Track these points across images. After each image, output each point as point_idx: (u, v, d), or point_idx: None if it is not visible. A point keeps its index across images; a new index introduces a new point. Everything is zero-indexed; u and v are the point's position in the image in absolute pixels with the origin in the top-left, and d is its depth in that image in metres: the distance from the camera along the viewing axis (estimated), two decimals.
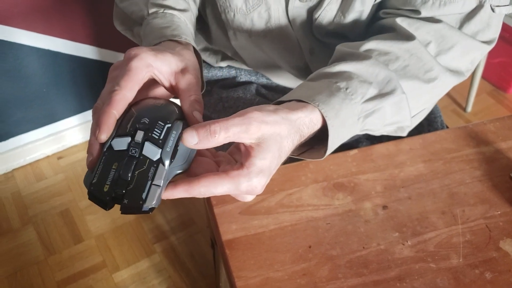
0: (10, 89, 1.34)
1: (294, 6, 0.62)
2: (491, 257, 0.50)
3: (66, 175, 1.50)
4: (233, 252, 0.50)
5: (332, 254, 0.50)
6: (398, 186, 0.57)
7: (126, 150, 0.38)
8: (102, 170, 0.38)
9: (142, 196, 0.37)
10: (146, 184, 0.37)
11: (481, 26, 0.55)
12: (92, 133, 0.39)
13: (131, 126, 0.39)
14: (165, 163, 0.38)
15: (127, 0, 0.61)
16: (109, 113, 0.39)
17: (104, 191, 0.37)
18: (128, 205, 0.37)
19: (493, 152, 0.61)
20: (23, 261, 1.29)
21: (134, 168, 0.38)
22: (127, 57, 0.43)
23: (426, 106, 0.57)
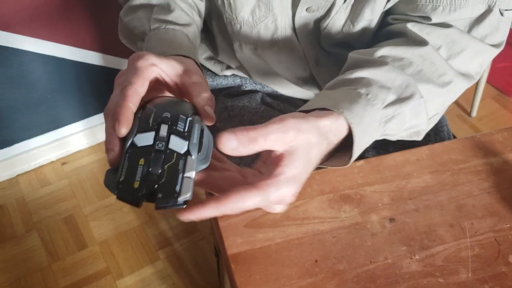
0: (15, 95, 1.34)
1: (300, 17, 0.62)
2: (501, 272, 0.49)
3: (70, 180, 1.50)
4: (238, 266, 0.49)
5: (339, 268, 0.50)
6: (405, 198, 0.56)
7: (152, 145, 0.37)
8: (129, 167, 0.36)
9: (176, 189, 0.36)
10: (177, 177, 0.36)
11: (490, 30, 0.56)
12: (109, 132, 0.38)
13: (153, 121, 0.38)
14: (193, 155, 0.38)
15: (130, 15, 0.61)
16: (125, 106, 0.38)
17: (135, 188, 0.36)
18: (163, 200, 0.36)
19: (501, 163, 0.60)
20: (27, 267, 1.29)
21: (163, 162, 0.37)
22: (131, 60, 0.43)
23: (439, 110, 0.57)
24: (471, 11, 0.54)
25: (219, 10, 0.66)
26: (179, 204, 0.36)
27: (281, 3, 0.61)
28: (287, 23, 0.63)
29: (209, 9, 0.69)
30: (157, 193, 0.36)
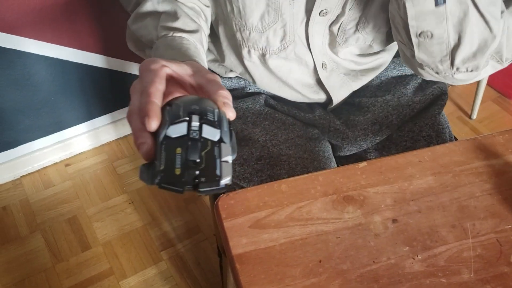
0: (19, 97, 1.35)
1: (314, 22, 0.63)
2: (503, 272, 0.50)
3: (74, 182, 1.51)
4: (243, 266, 0.50)
5: (342, 268, 0.50)
6: (408, 199, 0.57)
7: (186, 135, 0.38)
8: (167, 157, 0.38)
9: (217, 173, 0.38)
10: (216, 162, 0.38)
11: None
12: (138, 129, 0.39)
13: (183, 113, 0.39)
14: (226, 142, 0.40)
15: (138, 23, 0.61)
16: (152, 102, 0.39)
17: (177, 174, 0.37)
18: (206, 183, 0.37)
19: (502, 164, 0.61)
20: (31, 268, 1.30)
21: (200, 149, 0.38)
22: (143, 66, 0.44)
23: None
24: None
25: (226, 16, 0.67)
26: (221, 188, 0.38)
27: (291, 8, 0.61)
28: (296, 28, 0.64)
29: (215, 15, 0.69)
30: (199, 177, 0.37)
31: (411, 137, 0.75)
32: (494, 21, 0.52)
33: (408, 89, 0.77)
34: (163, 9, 0.61)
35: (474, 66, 0.56)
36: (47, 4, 1.22)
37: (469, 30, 0.52)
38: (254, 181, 0.71)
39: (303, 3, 0.61)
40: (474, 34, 0.53)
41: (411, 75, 0.79)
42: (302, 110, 0.78)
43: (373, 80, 0.79)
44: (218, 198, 0.55)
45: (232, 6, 0.63)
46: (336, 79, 0.72)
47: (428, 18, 0.52)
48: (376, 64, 0.74)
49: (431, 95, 0.77)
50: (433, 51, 0.55)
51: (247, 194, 0.56)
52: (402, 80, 0.78)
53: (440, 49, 0.55)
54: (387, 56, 0.75)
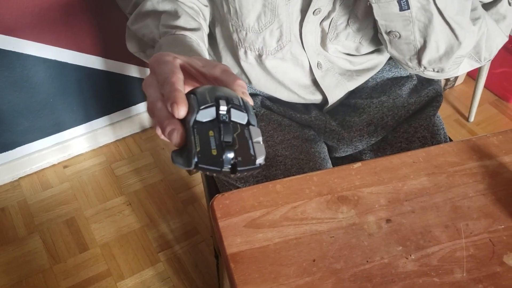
0: (17, 98, 1.36)
1: (308, 21, 0.63)
2: (495, 272, 0.50)
3: (72, 184, 1.51)
4: (237, 265, 0.50)
5: (336, 267, 0.51)
6: (402, 199, 0.57)
7: (216, 118, 0.39)
8: (201, 139, 0.38)
9: (251, 153, 0.39)
10: (249, 143, 0.39)
11: (497, 16, 0.58)
12: (164, 117, 0.39)
13: (210, 98, 0.40)
14: (254, 125, 0.41)
15: (138, 23, 0.62)
16: (178, 90, 0.39)
17: (213, 154, 0.38)
18: (242, 162, 0.38)
19: (496, 165, 0.61)
20: (29, 269, 1.30)
21: (232, 131, 0.39)
22: (155, 60, 0.44)
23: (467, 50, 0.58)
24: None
25: (223, 17, 0.67)
26: (256, 167, 0.39)
27: (287, 9, 0.62)
28: (292, 28, 0.65)
29: (212, 16, 0.70)
30: (236, 157, 0.38)
31: (406, 138, 0.76)
32: (460, 30, 0.55)
33: (403, 90, 0.77)
34: (163, 8, 0.61)
35: (440, 68, 0.59)
36: (45, 6, 1.22)
37: (434, 36, 0.55)
38: (250, 182, 0.71)
39: (298, 3, 0.62)
40: (439, 40, 0.55)
41: (406, 76, 0.79)
42: (298, 111, 0.78)
43: (368, 82, 0.79)
44: (214, 198, 0.56)
45: (228, 7, 0.64)
46: (331, 78, 0.73)
47: (395, 20, 0.55)
48: (371, 65, 0.75)
49: (426, 97, 0.77)
50: (402, 49, 0.58)
51: (242, 194, 0.56)
52: (398, 81, 0.79)
53: (408, 49, 0.58)
54: (382, 58, 0.75)
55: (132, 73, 1.52)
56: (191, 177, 1.53)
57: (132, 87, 1.56)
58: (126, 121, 1.62)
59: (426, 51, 0.58)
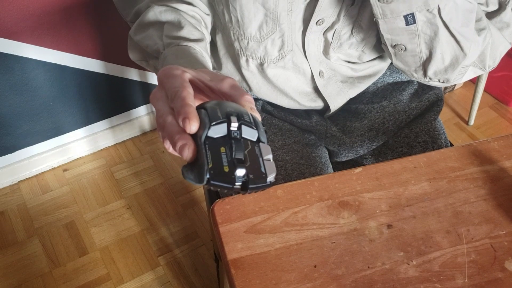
0: (17, 102, 1.36)
1: (311, 31, 0.63)
2: (497, 278, 0.50)
3: (72, 187, 1.51)
4: (238, 271, 0.50)
5: (337, 273, 0.50)
6: (403, 204, 0.57)
7: (227, 135, 0.39)
8: (213, 156, 0.38)
9: (262, 170, 0.39)
10: (259, 161, 0.39)
11: (500, 25, 0.59)
12: (175, 132, 0.39)
13: (221, 114, 0.40)
14: (264, 142, 0.41)
15: (141, 34, 0.61)
16: (189, 105, 0.39)
17: (225, 171, 0.38)
18: (254, 180, 0.38)
19: (497, 170, 0.61)
20: (28, 273, 1.30)
21: (243, 148, 0.39)
22: (164, 74, 0.43)
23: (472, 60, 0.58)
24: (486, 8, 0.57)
25: (224, 25, 0.67)
26: (267, 184, 0.39)
27: (289, 18, 0.62)
28: (294, 38, 0.65)
29: (213, 24, 0.70)
30: (248, 174, 0.38)
31: (407, 143, 0.76)
32: (465, 41, 0.55)
33: (404, 95, 0.77)
34: (166, 18, 0.61)
35: (445, 79, 0.60)
36: (46, 10, 1.22)
37: (440, 48, 0.55)
38: None
39: (300, 13, 0.62)
40: (445, 51, 0.56)
41: (407, 81, 0.79)
42: (299, 117, 0.78)
43: (369, 87, 0.79)
44: (214, 203, 0.56)
45: (230, 16, 0.64)
46: (333, 87, 0.73)
47: (401, 34, 0.55)
48: (372, 71, 0.75)
49: (427, 101, 0.77)
50: (407, 61, 0.58)
51: (243, 199, 0.56)
52: (398, 86, 0.79)
53: (413, 61, 0.58)
54: (384, 64, 0.75)
55: (132, 77, 1.52)
56: None
57: (132, 90, 1.56)
58: (126, 124, 1.62)
59: (431, 63, 0.58)
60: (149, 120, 1.67)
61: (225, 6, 0.63)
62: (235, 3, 0.61)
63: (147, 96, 1.61)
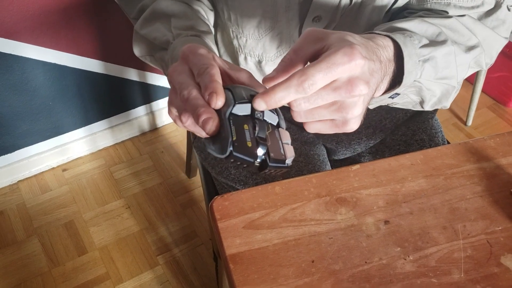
0: (16, 102, 1.36)
1: (307, 28, 0.64)
2: (492, 273, 0.51)
3: (71, 187, 1.51)
4: (237, 266, 0.50)
5: (334, 268, 0.51)
6: (400, 201, 0.58)
7: (250, 114, 0.40)
8: (237, 131, 0.39)
9: (281, 152, 0.40)
10: (279, 143, 0.41)
11: (497, 23, 0.60)
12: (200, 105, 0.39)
13: (245, 95, 0.41)
14: (283, 128, 0.42)
15: (148, 27, 0.62)
16: (217, 82, 0.40)
17: (249, 146, 0.39)
18: (273, 159, 0.39)
19: (493, 168, 0.62)
20: (27, 272, 1.30)
21: (265, 129, 0.40)
22: (188, 50, 0.43)
23: (461, 78, 0.59)
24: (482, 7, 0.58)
25: (223, 23, 0.68)
26: (285, 166, 0.40)
27: (287, 15, 0.62)
28: (291, 35, 0.65)
29: (214, 22, 0.70)
30: (269, 153, 0.39)
31: (405, 141, 0.76)
32: (451, 78, 0.56)
33: None
34: (173, 11, 0.61)
35: (443, 106, 0.61)
36: (45, 9, 1.23)
37: (428, 94, 0.57)
38: (249, 184, 0.72)
39: (297, 10, 0.62)
40: (435, 91, 0.57)
41: None
42: None
43: None
44: (213, 200, 0.56)
45: (229, 14, 0.64)
46: None
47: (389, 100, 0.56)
48: None
49: None
50: (404, 103, 0.60)
51: (242, 196, 0.57)
52: None
53: (409, 103, 0.60)
54: None
55: (131, 77, 1.53)
56: (190, 180, 1.54)
57: (131, 90, 1.56)
58: (125, 124, 1.63)
59: (425, 103, 0.59)
60: (148, 120, 1.67)
61: (224, 4, 0.64)
62: (234, 1, 0.61)
63: (146, 96, 1.62)
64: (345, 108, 0.39)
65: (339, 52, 0.36)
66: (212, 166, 0.78)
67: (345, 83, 0.37)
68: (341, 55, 0.36)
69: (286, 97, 0.37)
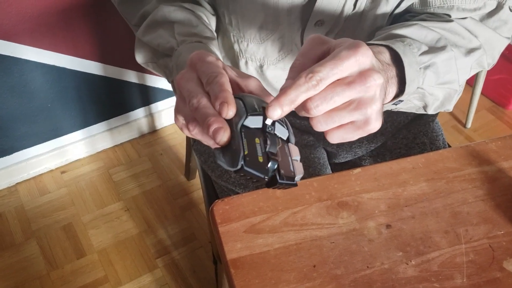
0: (15, 104, 1.36)
1: (310, 32, 0.63)
2: (495, 278, 0.51)
3: (70, 189, 1.50)
4: (238, 271, 0.50)
5: (336, 273, 0.51)
6: (402, 205, 0.57)
7: (262, 128, 0.40)
8: (248, 144, 0.38)
9: (291, 169, 0.39)
10: (288, 159, 0.40)
11: (499, 23, 0.60)
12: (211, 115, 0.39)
13: (258, 107, 0.40)
14: (293, 143, 0.41)
15: (151, 34, 0.61)
16: (227, 91, 0.39)
17: (260, 161, 0.38)
18: (284, 176, 0.39)
19: (495, 171, 0.62)
20: (25, 275, 1.29)
21: (276, 144, 0.40)
22: (196, 57, 0.43)
23: (462, 81, 0.60)
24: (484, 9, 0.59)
25: (224, 28, 0.67)
26: (293, 184, 0.39)
27: (289, 19, 0.62)
28: (293, 38, 0.65)
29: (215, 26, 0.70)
30: (279, 169, 0.39)
31: (405, 144, 0.76)
32: (452, 83, 0.56)
33: None
34: (176, 18, 0.60)
35: (446, 109, 0.61)
36: (44, 11, 1.22)
37: (431, 98, 0.57)
38: (249, 187, 0.71)
39: (299, 13, 0.62)
40: (437, 97, 0.57)
41: None
42: (298, 117, 0.78)
43: None
44: (214, 204, 0.56)
45: (230, 18, 0.64)
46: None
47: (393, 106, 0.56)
48: None
49: None
50: (408, 108, 0.60)
51: (242, 200, 0.56)
52: None
53: (413, 108, 0.60)
54: None
55: (130, 79, 1.52)
56: (189, 183, 1.53)
57: (130, 92, 1.56)
58: (125, 126, 1.62)
59: (428, 107, 0.59)
60: (148, 122, 1.67)
61: (225, 8, 0.63)
62: (235, 5, 0.61)
63: (146, 98, 1.61)
64: (363, 104, 0.39)
65: (344, 47, 0.37)
66: (212, 169, 0.78)
67: (358, 76, 0.38)
68: (346, 49, 0.37)
69: (298, 96, 0.37)
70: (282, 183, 0.39)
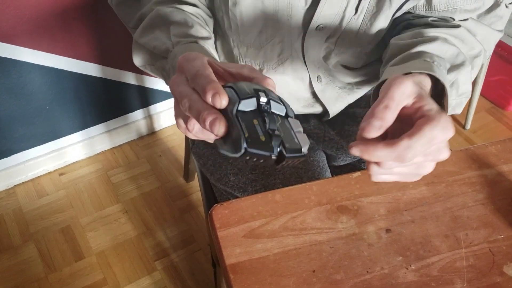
0: (14, 105, 1.35)
1: (311, 36, 0.63)
2: (495, 282, 0.50)
3: (68, 191, 1.50)
4: (237, 276, 0.50)
5: (336, 278, 0.50)
6: (401, 209, 0.57)
7: (257, 109, 0.40)
8: (247, 127, 0.38)
9: (296, 141, 0.39)
10: (291, 133, 0.40)
11: (495, 19, 0.62)
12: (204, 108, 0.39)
13: (249, 90, 0.40)
14: (292, 117, 0.41)
15: (147, 36, 0.61)
16: (214, 81, 0.39)
17: (262, 140, 0.38)
18: (290, 149, 0.39)
19: (495, 175, 0.61)
20: (24, 278, 1.29)
21: (275, 121, 0.40)
22: (185, 60, 0.43)
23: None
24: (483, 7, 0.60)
25: (223, 32, 0.67)
26: (302, 155, 0.39)
27: (289, 24, 0.62)
28: (293, 43, 0.64)
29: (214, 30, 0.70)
30: (284, 143, 0.38)
31: None
32: (466, 93, 0.59)
33: None
34: (173, 19, 0.60)
35: (455, 113, 0.62)
36: (43, 13, 1.22)
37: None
38: (248, 191, 0.71)
39: (300, 18, 0.62)
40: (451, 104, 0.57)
41: None
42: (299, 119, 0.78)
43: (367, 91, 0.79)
44: (212, 208, 0.56)
45: (229, 23, 0.63)
46: (331, 92, 0.73)
47: None
48: (371, 76, 0.75)
49: None
50: None
51: (241, 204, 0.56)
52: None
53: None
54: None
55: (129, 80, 1.52)
56: (188, 185, 1.53)
57: (129, 94, 1.56)
58: (123, 128, 1.62)
59: None
60: (146, 124, 1.66)
61: (224, 13, 0.63)
62: (235, 10, 0.61)
63: (144, 100, 1.61)
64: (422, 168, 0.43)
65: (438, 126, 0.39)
66: (211, 172, 0.77)
67: (434, 150, 0.40)
68: (440, 130, 0.39)
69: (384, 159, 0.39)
70: (290, 156, 0.38)
